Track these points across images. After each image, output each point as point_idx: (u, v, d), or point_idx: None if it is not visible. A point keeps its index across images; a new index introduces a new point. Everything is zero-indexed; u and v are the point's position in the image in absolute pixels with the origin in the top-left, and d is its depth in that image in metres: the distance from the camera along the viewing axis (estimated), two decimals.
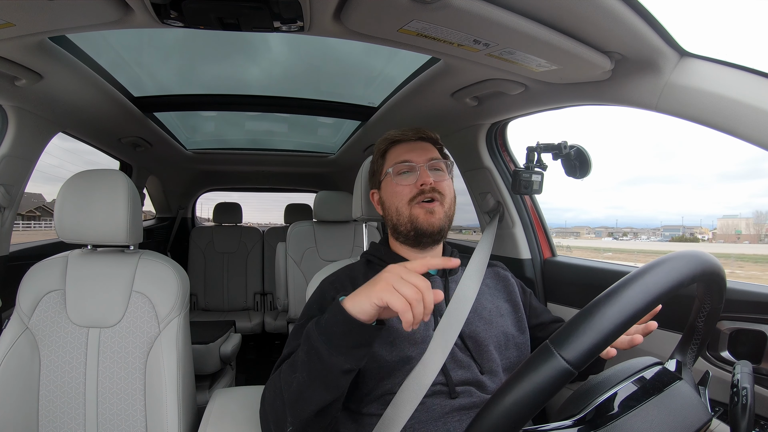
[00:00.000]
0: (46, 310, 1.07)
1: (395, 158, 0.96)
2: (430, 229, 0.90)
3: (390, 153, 0.98)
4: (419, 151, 0.95)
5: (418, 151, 0.95)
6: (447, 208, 0.93)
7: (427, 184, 0.90)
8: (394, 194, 0.94)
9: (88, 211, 1.08)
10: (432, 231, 0.90)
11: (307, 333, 0.68)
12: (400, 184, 0.93)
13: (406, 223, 0.92)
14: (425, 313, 0.59)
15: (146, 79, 1.53)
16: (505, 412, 0.41)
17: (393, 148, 0.98)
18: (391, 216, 0.95)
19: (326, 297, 0.89)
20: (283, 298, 2.46)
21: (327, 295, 0.89)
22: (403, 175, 0.94)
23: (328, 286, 0.92)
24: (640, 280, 0.44)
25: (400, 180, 0.93)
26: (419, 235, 0.91)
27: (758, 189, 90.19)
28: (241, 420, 0.96)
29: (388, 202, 0.96)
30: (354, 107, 1.76)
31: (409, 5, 0.69)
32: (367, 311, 0.61)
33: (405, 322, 0.58)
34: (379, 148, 1.01)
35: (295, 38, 1.26)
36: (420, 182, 0.91)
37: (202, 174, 3.20)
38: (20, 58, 0.99)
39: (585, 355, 0.41)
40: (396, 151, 0.97)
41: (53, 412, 1.05)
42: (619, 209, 42.32)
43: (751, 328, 0.87)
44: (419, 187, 0.91)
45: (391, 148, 0.98)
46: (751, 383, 0.57)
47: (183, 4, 0.73)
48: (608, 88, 0.95)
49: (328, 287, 0.91)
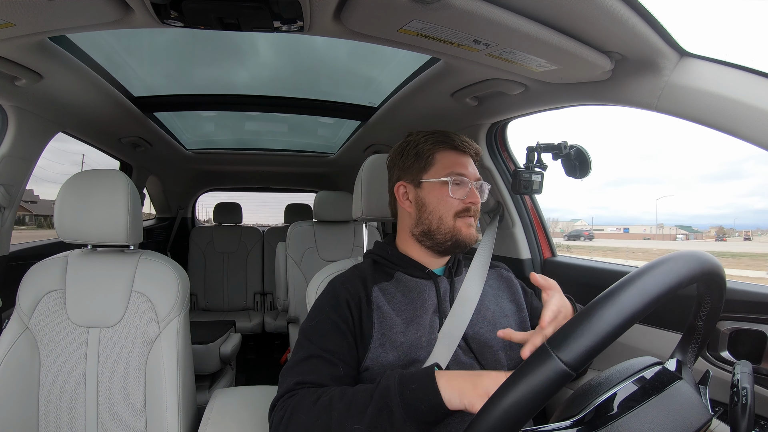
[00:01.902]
0: (46, 310, 1.07)
1: (450, 167, 0.92)
2: (469, 242, 0.92)
3: (442, 156, 0.94)
4: (471, 167, 0.95)
5: (471, 167, 0.95)
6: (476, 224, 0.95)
7: (476, 204, 0.93)
8: (444, 203, 0.92)
9: (88, 211, 1.08)
10: (470, 244, 0.92)
11: (386, 393, 0.65)
12: (454, 196, 0.91)
13: (446, 232, 0.91)
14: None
15: (146, 79, 1.53)
16: (503, 414, 0.41)
17: (446, 152, 0.94)
18: (430, 221, 0.92)
19: (339, 297, 0.87)
20: (283, 298, 2.46)
21: (340, 295, 0.87)
22: (455, 186, 0.92)
23: (340, 286, 0.90)
24: (638, 282, 0.44)
25: (453, 191, 0.91)
26: (456, 246, 0.92)
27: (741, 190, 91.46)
28: (241, 420, 0.96)
29: (431, 206, 0.92)
30: (354, 107, 1.76)
31: (409, 5, 0.69)
32: (456, 406, 0.62)
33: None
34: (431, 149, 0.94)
35: (295, 38, 1.26)
36: (470, 200, 0.92)
37: (202, 174, 3.20)
38: (20, 58, 0.99)
39: (582, 357, 0.41)
40: (450, 158, 0.93)
41: (53, 412, 1.05)
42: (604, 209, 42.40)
43: (751, 328, 0.87)
44: (467, 204, 0.91)
45: (444, 151, 0.94)
46: (751, 383, 0.57)
47: (183, 4, 0.73)
48: (608, 88, 0.95)
49: (340, 287, 0.89)
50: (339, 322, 0.84)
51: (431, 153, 0.94)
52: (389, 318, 0.84)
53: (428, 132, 0.97)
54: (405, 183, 0.97)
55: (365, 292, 0.88)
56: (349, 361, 0.81)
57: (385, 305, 0.86)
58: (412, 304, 0.88)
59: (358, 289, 0.88)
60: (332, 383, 0.77)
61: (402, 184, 0.97)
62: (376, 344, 0.82)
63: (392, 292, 0.89)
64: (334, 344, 0.81)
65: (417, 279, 0.92)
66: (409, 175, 0.96)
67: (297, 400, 0.72)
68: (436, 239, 0.92)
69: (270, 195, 4.68)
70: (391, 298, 0.88)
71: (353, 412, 0.65)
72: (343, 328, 0.83)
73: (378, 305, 0.86)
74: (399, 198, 0.97)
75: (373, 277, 0.91)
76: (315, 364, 0.78)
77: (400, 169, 0.98)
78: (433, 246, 0.93)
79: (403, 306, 0.87)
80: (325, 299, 0.89)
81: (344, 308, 0.85)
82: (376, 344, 0.82)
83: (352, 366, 0.81)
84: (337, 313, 0.85)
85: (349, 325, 0.84)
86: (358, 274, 0.92)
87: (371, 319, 0.84)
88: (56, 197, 1.10)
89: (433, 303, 0.89)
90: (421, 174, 0.94)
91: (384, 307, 0.86)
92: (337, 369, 0.79)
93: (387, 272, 0.93)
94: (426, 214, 0.93)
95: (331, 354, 0.79)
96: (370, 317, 0.84)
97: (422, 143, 0.95)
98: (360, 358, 0.83)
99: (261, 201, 11.26)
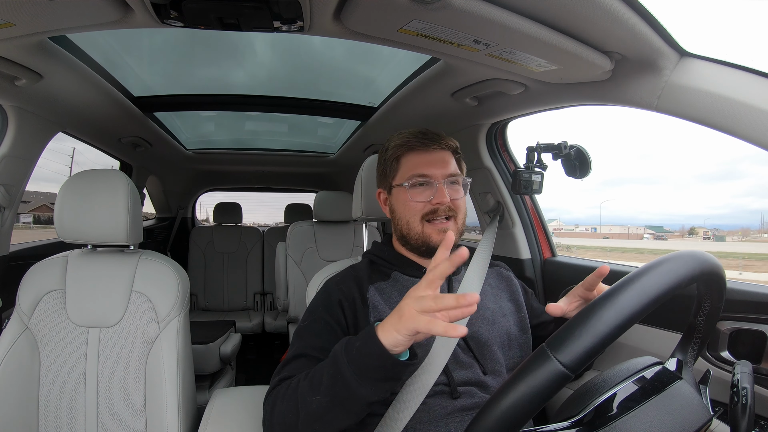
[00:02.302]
0: (46, 310, 1.07)
1: (412, 169, 0.90)
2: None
3: (406, 159, 0.92)
4: (439, 164, 0.89)
5: (438, 165, 0.89)
6: (460, 224, 0.90)
7: (444, 204, 0.87)
8: (407, 208, 0.89)
9: (88, 211, 1.08)
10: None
11: (335, 357, 0.65)
12: (414, 199, 0.88)
13: (417, 238, 0.89)
14: (459, 314, 0.57)
15: (146, 79, 1.52)
16: (502, 415, 0.42)
17: (409, 154, 0.92)
18: (400, 226, 0.92)
19: (332, 298, 0.87)
20: (283, 298, 2.46)
21: (333, 296, 0.87)
22: (418, 189, 0.89)
23: (333, 286, 0.90)
24: (637, 283, 0.44)
25: (414, 194, 0.88)
26: (430, 250, 0.89)
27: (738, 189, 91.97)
28: (241, 420, 0.96)
29: (399, 212, 0.92)
30: (354, 107, 1.76)
31: (409, 5, 0.69)
32: (401, 343, 0.60)
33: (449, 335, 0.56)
34: (394, 153, 0.93)
35: (295, 38, 1.26)
36: (436, 200, 0.87)
37: (202, 174, 3.20)
38: (20, 58, 0.99)
39: (581, 359, 0.41)
40: (413, 160, 0.91)
41: (53, 412, 1.05)
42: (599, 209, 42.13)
43: (751, 328, 0.86)
44: (434, 205, 0.87)
45: (407, 153, 0.92)
46: (751, 383, 0.57)
47: (183, 4, 0.73)
48: (608, 88, 0.95)
49: (334, 288, 0.89)
50: (331, 322, 0.84)
51: (396, 157, 0.93)
52: (386, 316, 0.84)
53: (401, 133, 0.95)
54: (381, 190, 0.98)
55: (360, 293, 0.88)
56: None
57: (381, 304, 0.86)
58: None
59: (352, 290, 0.88)
60: None
61: (381, 191, 0.99)
62: None
63: (389, 291, 0.89)
64: (324, 342, 0.81)
65: (414, 278, 0.92)
66: (383, 181, 0.97)
67: (277, 391, 0.74)
68: (411, 244, 0.92)
69: (268, 195, 4.66)
70: (387, 298, 0.88)
71: (314, 384, 0.67)
72: (335, 329, 0.83)
73: (374, 305, 0.86)
74: (381, 204, 0.99)
75: (370, 277, 0.91)
76: (303, 362, 0.79)
77: (377, 175, 1.00)
78: (413, 249, 0.93)
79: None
80: (319, 300, 0.90)
81: (337, 309, 0.85)
82: None
83: None
84: (330, 314, 0.85)
85: (342, 326, 0.84)
86: (353, 275, 0.93)
87: (367, 318, 0.85)
88: (56, 197, 1.10)
89: None
90: (390, 180, 0.94)
91: (380, 306, 0.86)
92: None
93: (384, 272, 0.93)
94: (396, 219, 0.93)
95: (320, 351, 0.80)
96: (366, 317, 0.85)
97: (390, 148, 0.95)
98: None
99: (258, 200, 11.23)
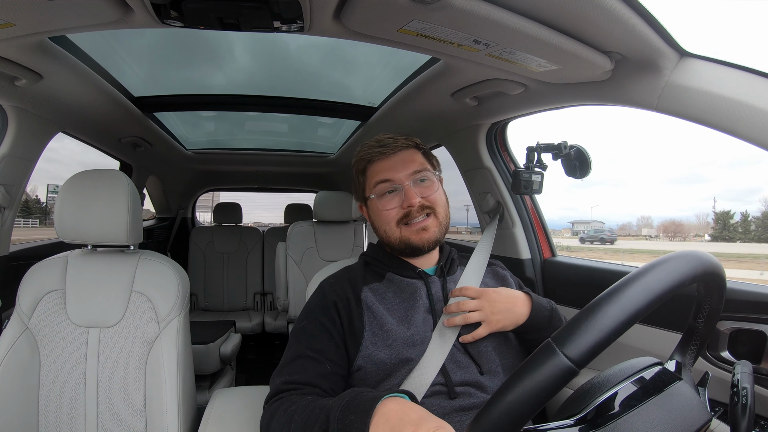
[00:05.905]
0: (46, 310, 1.07)
1: (375, 176, 0.90)
2: (426, 245, 0.89)
3: (370, 171, 0.92)
4: (400, 165, 0.89)
5: (399, 167, 0.89)
6: (441, 218, 0.91)
7: (414, 205, 0.86)
8: (381, 217, 0.90)
9: (88, 211, 1.08)
10: (428, 246, 0.90)
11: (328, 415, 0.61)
12: (385, 208, 0.88)
13: (397, 243, 0.90)
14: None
15: (146, 79, 1.53)
16: (507, 410, 0.41)
17: (371, 165, 0.92)
18: (380, 235, 0.93)
19: (327, 300, 0.88)
20: (283, 298, 2.46)
21: (328, 297, 0.89)
22: (386, 197, 0.89)
23: (328, 288, 0.91)
24: (641, 279, 0.44)
25: (384, 203, 0.89)
26: (414, 251, 0.90)
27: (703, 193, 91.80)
28: (241, 420, 0.96)
29: (375, 222, 0.93)
30: (354, 107, 1.76)
31: (409, 5, 0.69)
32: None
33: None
34: (358, 167, 0.94)
35: (295, 38, 1.26)
36: (406, 204, 0.86)
37: (202, 174, 3.20)
38: (20, 58, 0.99)
39: (587, 353, 0.41)
40: (375, 169, 0.91)
41: (53, 412, 1.05)
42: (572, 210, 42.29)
43: (751, 328, 0.87)
44: (406, 209, 0.87)
45: (369, 165, 0.93)
46: (751, 383, 0.57)
47: (183, 4, 0.73)
48: (608, 88, 0.95)
49: (328, 290, 0.91)
50: (326, 323, 0.85)
51: (361, 170, 0.94)
52: (380, 317, 0.85)
53: (362, 146, 0.95)
54: (360, 204, 0.99)
55: (354, 294, 0.88)
56: (336, 360, 0.82)
57: (375, 305, 0.87)
58: (403, 303, 0.88)
59: (346, 291, 0.89)
60: (319, 381, 0.78)
61: (360, 204, 0.99)
62: (368, 342, 0.83)
63: (383, 292, 0.90)
64: (321, 344, 0.82)
65: (408, 279, 0.92)
66: (358, 196, 0.98)
67: (276, 407, 0.74)
68: (394, 248, 0.92)
69: (266, 195, 4.66)
70: (382, 298, 0.88)
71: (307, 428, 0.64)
72: (330, 329, 0.84)
73: (368, 305, 0.87)
74: (365, 216, 0.99)
75: (364, 278, 0.92)
76: (302, 364, 0.80)
77: (354, 193, 1.00)
78: (399, 253, 0.93)
79: (394, 305, 0.88)
80: (314, 301, 0.91)
81: (332, 310, 0.86)
82: (368, 342, 0.83)
83: (339, 365, 0.82)
84: (325, 315, 0.86)
85: (337, 327, 0.85)
86: (347, 276, 0.93)
87: (362, 318, 0.85)
88: (56, 197, 1.10)
89: (424, 302, 0.89)
90: (362, 193, 0.96)
91: (374, 306, 0.86)
92: (323, 367, 0.80)
93: (378, 273, 0.94)
94: (376, 229, 0.94)
95: (318, 353, 0.81)
96: (360, 317, 0.85)
97: (354, 164, 0.96)
98: (351, 357, 0.84)
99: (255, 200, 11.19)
